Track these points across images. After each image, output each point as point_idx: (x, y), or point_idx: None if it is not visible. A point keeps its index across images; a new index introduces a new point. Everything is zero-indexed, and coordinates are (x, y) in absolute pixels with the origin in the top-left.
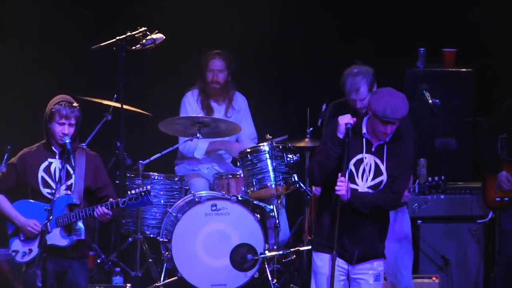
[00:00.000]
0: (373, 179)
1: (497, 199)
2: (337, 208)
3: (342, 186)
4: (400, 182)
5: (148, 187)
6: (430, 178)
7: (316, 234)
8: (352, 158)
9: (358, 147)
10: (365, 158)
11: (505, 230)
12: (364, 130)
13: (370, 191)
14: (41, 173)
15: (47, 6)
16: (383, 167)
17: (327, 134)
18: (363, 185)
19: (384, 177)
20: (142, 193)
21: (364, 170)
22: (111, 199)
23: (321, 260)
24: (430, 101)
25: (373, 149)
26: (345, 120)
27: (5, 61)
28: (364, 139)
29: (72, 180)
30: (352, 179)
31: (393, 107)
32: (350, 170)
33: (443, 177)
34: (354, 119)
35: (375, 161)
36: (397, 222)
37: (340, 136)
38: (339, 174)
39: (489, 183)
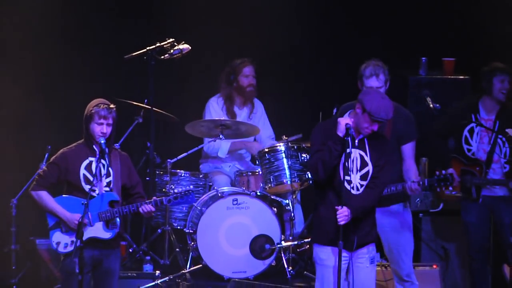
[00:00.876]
0: (360, 170)
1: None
2: (336, 202)
3: (342, 215)
4: (386, 170)
5: (191, 186)
6: (437, 172)
7: (317, 228)
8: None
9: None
10: (352, 152)
11: (463, 221)
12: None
13: (361, 182)
14: (82, 170)
15: (86, 19)
16: (367, 158)
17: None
18: (354, 177)
19: (370, 167)
20: (186, 192)
21: (352, 163)
22: (154, 197)
23: (325, 253)
24: (431, 105)
25: (356, 143)
26: (345, 120)
27: (47, 68)
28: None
29: (110, 178)
30: (346, 172)
31: (386, 110)
32: (344, 164)
33: (449, 170)
34: (352, 120)
35: (360, 154)
36: (400, 214)
37: (340, 134)
38: (336, 207)
39: None
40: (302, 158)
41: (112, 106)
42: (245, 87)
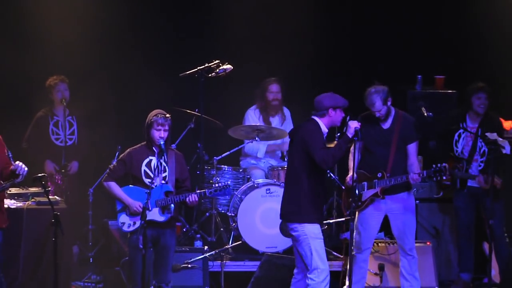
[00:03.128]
0: None
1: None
2: (322, 189)
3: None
4: None
5: (229, 182)
6: (434, 165)
7: (311, 210)
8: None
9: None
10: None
11: (454, 206)
12: (325, 129)
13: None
14: (143, 167)
15: (150, 41)
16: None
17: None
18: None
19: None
20: (224, 187)
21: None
22: (198, 190)
23: (317, 229)
24: (425, 114)
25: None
26: (354, 124)
27: (118, 83)
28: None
29: (166, 173)
30: None
31: (342, 98)
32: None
33: (444, 164)
34: (360, 123)
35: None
36: (405, 200)
37: (350, 135)
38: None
39: None
40: None
41: (167, 115)
42: (271, 101)
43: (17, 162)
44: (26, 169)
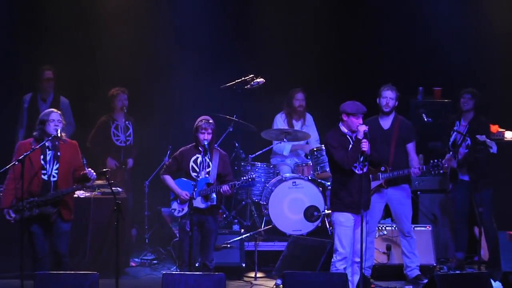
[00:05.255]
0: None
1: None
2: (356, 182)
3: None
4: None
5: (253, 175)
6: (431, 161)
7: (341, 200)
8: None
9: (348, 142)
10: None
11: (451, 196)
12: (345, 131)
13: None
14: (191, 163)
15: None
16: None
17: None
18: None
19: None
20: (249, 179)
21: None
22: (231, 182)
23: (344, 217)
24: (425, 119)
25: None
26: (363, 128)
27: (169, 93)
28: (348, 137)
29: (209, 168)
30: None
31: (358, 104)
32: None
33: (440, 159)
34: (367, 126)
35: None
36: (405, 190)
37: (360, 137)
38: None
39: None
40: None
41: (210, 120)
42: (296, 107)
43: (89, 169)
44: (95, 175)
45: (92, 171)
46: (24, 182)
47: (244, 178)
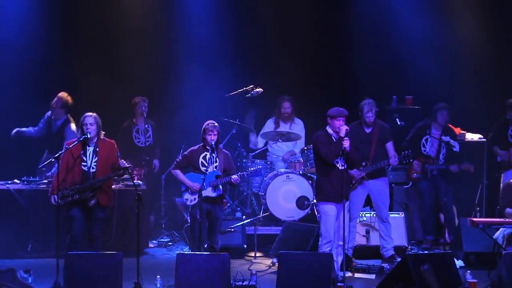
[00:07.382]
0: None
1: (414, 175)
2: (339, 176)
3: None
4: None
5: (260, 166)
6: (402, 152)
7: (324, 191)
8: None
9: (333, 141)
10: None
11: (420, 188)
12: (330, 132)
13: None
14: (200, 159)
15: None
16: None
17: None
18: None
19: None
20: (257, 169)
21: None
22: (239, 172)
23: (327, 207)
24: (399, 123)
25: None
26: (344, 128)
27: (182, 99)
28: (333, 137)
29: (216, 164)
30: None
31: (341, 109)
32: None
33: (410, 150)
34: (348, 127)
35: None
36: (383, 181)
37: (342, 135)
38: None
39: (410, 167)
40: None
41: (216, 124)
42: (283, 113)
43: (121, 160)
44: (125, 163)
45: (124, 161)
46: (68, 173)
47: (252, 169)
